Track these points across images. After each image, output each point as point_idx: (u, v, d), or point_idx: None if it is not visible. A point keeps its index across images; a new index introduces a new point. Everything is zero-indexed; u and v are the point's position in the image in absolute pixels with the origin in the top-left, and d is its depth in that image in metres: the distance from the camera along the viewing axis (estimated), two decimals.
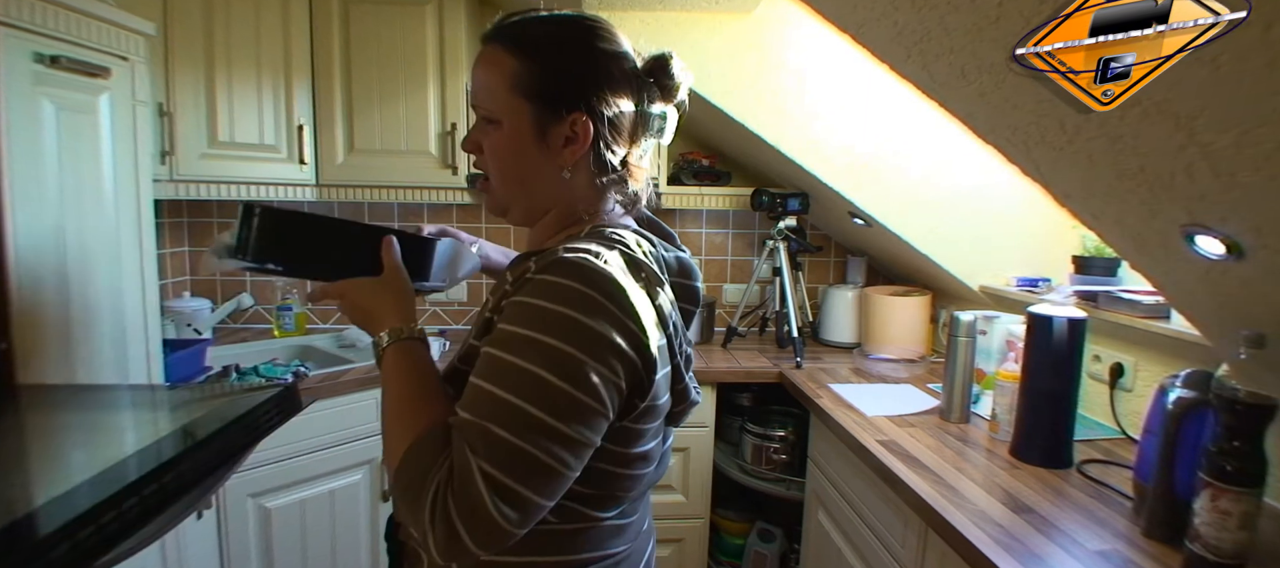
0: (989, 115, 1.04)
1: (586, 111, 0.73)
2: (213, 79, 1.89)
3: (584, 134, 0.73)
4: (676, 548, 2.13)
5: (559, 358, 0.62)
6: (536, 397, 0.62)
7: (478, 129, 0.77)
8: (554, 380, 0.62)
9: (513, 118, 0.73)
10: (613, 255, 0.68)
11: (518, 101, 0.73)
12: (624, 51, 0.76)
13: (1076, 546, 1.04)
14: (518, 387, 0.62)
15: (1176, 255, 1.04)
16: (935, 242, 2.05)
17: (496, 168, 0.77)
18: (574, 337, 0.63)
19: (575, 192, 0.77)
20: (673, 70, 0.77)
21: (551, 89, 0.73)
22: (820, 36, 1.89)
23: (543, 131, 0.73)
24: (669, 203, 2.36)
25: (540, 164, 0.75)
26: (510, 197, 0.79)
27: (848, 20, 1.07)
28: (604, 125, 0.74)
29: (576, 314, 0.63)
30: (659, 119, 0.79)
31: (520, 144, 0.74)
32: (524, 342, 0.63)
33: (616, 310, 0.64)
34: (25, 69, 1.16)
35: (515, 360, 0.63)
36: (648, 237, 0.79)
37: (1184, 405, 1.02)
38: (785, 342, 2.30)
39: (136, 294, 1.44)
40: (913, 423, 1.60)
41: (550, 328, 0.63)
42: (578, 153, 0.74)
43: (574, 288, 0.64)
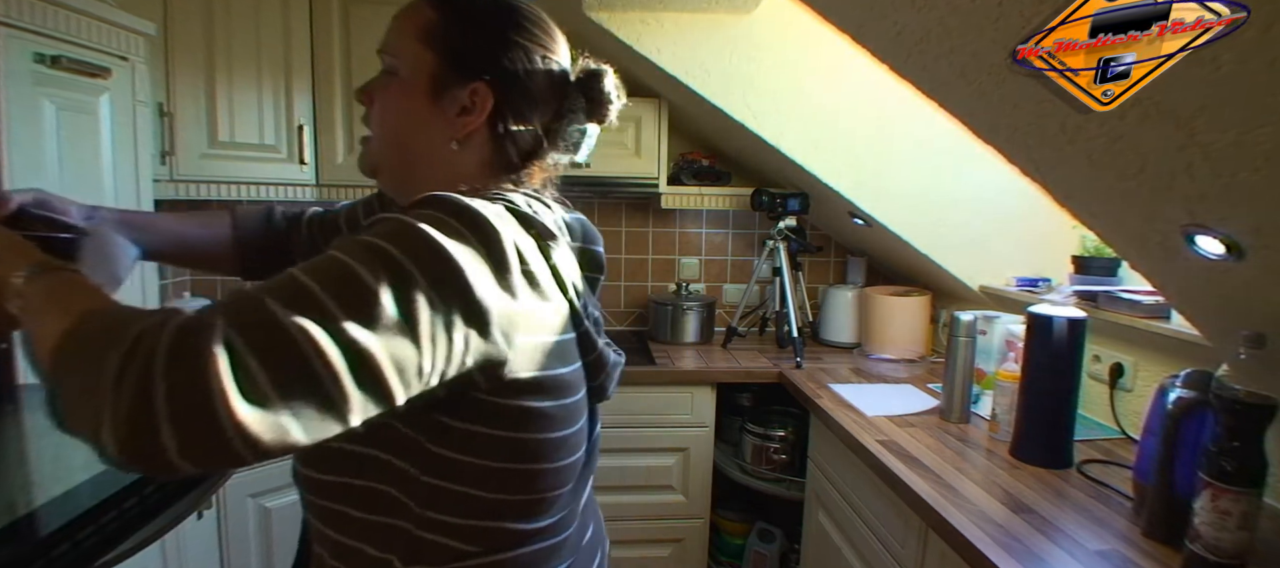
0: (989, 115, 1.04)
1: (492, 84, 0.67)
2: (213, 79, 1.89)
3: (483, 106, 0.67)
4: (676, 548, 2.13)
5: (384, 261, 0.50)
6: (335, 285, 0.48)
7: (375, 80, 0.71)
8: (365, 277, 0.49)
9: (412, 68, 0.68)
10: (492, 205, 0.59)
11: (422, 51, 0.67)
12: (553, 50, 0.71)
13: (1076, 546, 1.04)
14: (319, 273, 0.49)
15: (1176, 255, 1.04)
16: (935, 242, 2.05)
17: (381, 119, 0.70)
18: (422, 257, 0.51)
19: (460, 174, 0.68)
20: (604, 86, 0.72)
21: (461, 47, 0.67)
22: (820, 37, 1.89)
23: (439, 90, 0.67)
24: (669, 203, 2.36)
25: (428, 126, 0.68)
26: (386, 155, 0.71)
27: (848, 21, 1.07)
28: (509, 111, 0.68)
29: (433, 235, 0.52)
30: (577, 134, 0.74)
31: (412, 98, 0.68)
32: (353, 244, 0.51)
33: (483, 251, 0.54)
34: (26, 69, 1.16)
35: (332, 253, 0.51)
36: (541, 199, 0.70)
37: (1184, 405, 1.02)
38: (785, 342, 2.30)
39: (136, 294, 1.44)
40: (913, 423, 1.60)
41: (390, 237, 0.51)
42: (471, 125, 0.67)
43: (438, 218, 0.54)
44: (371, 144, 0.72)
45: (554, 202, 0.74)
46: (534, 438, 0.62)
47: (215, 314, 0.45)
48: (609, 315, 2.62)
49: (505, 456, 0.62)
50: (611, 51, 1.99)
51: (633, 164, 2.19)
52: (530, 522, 0.65)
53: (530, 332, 0.59)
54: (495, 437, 0.61)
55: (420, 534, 0.61)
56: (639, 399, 2.04)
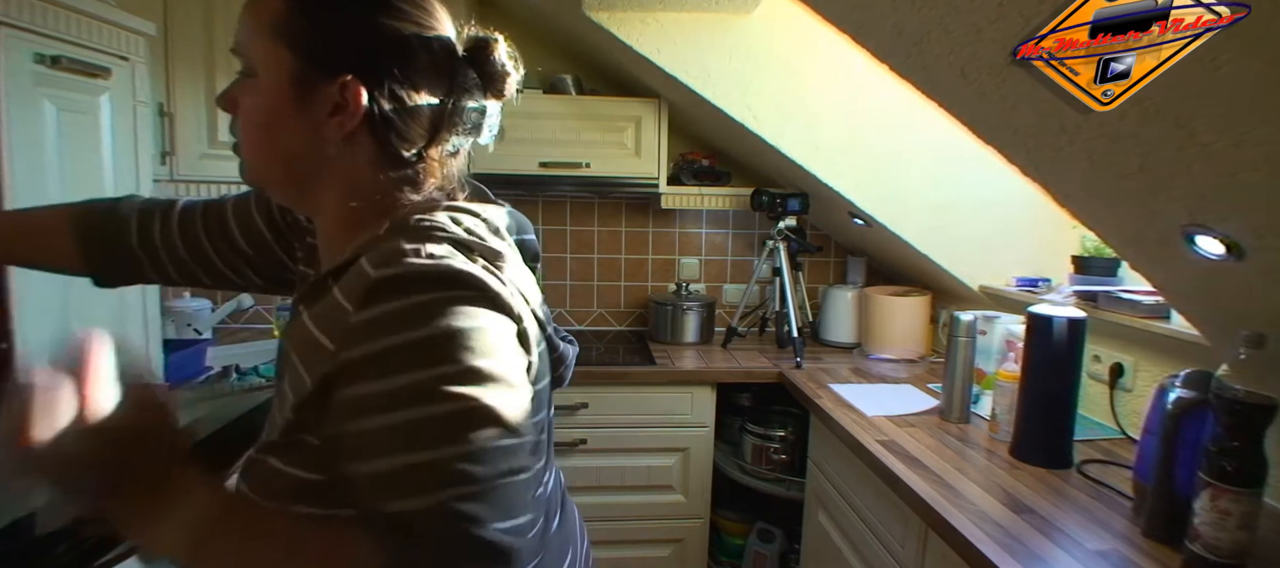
0: (989, 116, 1.04)
1: (363, 78, 0.59)
2: (213, 79, 1.89)
3: (355, 103, 0.58)
4: (676, 548, 2.13)
5: (481, 377, 0.52)
6: (493, 426, 0.52)
7: (234, 83, 0.64)
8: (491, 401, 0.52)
9: (268, 68, 0.60)
10: (432, 247, 0.55)
11: (275, 49, 0.59)
12: (429, 23, 0.62)
13: (1076, 546, 1.04)
14: (465, 430, 0.51)
15: (1176, 255, 1.04)
16: (935, 242, 2.05)
17: (247, 131, 0.63)
18: (469, 347, 0.52)
19: (354, 180, 0.62)
20: (496, 57, 0.64)
21: (318, 39, 0.59)
22: (820, 37, 1.89)
23: (303, 92, 0.59)
24: (669, 203, 2.36)
25: (298, 133, 0.60)
26: (264, 170, 0.64)
27: (848, 21, 1.07)
28: (389, 104, 0.60)
29: (430, 329, 0.51)
30: (475, 114, 0.65)
31: (275, 103, 0.60)
32: (427, 385, 0.51)
33: (475, 295, 0.54)
34: (26, 69, 1.16)
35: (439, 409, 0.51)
36: (468, 209, 0.64)
37: (1184, 405, 1.02)
38: (785, 342, 2.30)
39: (137, 294, 1.44)
40: (913, 423, 1.60)
41: (442, 355, 0.51)
42: (346, 126, 0.59)
43: (420, 301, 0.52)
44: (244, 156, 0.64)
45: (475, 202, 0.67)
46: None
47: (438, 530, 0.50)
48: (609, 315, 2.62)
49: None
50: (611, 52, 2.00)
51: (633, 164, 2.19)
52: None
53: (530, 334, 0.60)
54: None
55: None
56: (639, 399, 2.04)
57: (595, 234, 2.57)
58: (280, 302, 2.33)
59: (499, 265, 0.59)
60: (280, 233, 0.81)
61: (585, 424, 2.03)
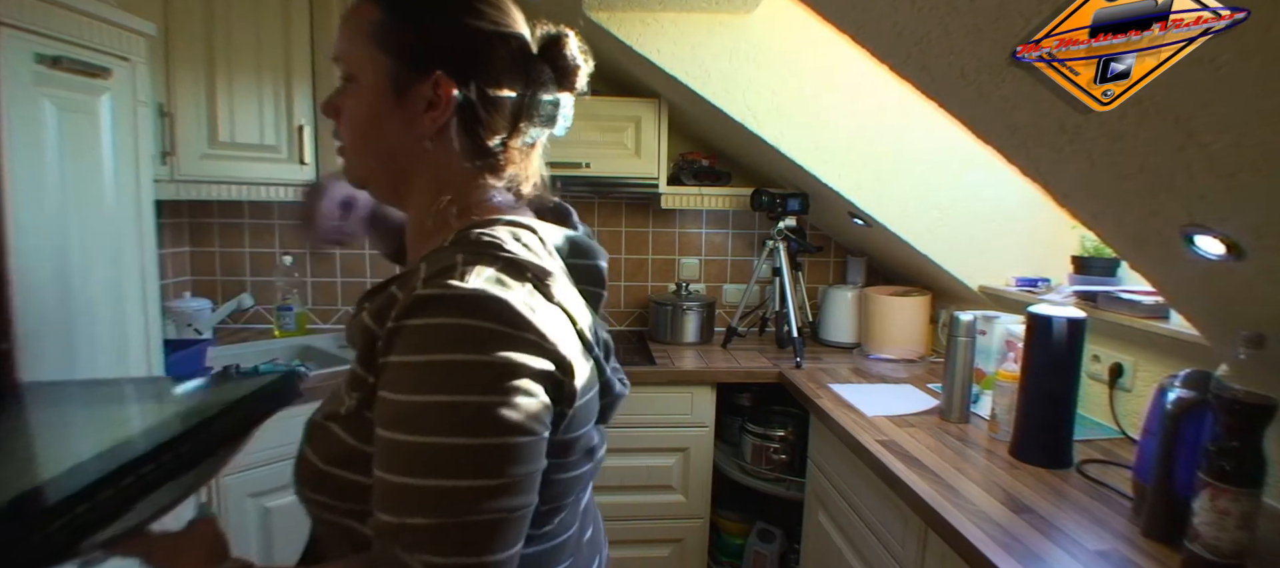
0: (989, 116, 1.04)
1: (451, 74, 0.65)
2: (213, 79, 1.89)
3: (446, 97, 0.65)
4: (676, 548, 2.13)
5: (466, 415, 0.54)
6: (461, 468, 0.54)
7: (337, 91, 0.69)
8: (471, 442, 0.54)
9: (369, 72, 0.66)
10: (482, 269, 0.58)
11: (375, 53, 0.65)
12: (507, 22, 0.68)
13: (1076, 546, 1.04)
14: (431, 467, 0.54)
15: (1176, 255, 1.04)
16: (935, 242, 2.05)
17: (350, 130, 0.69)
18: (471, 382, 0.55)
19: (443, 172, 0.68)
20: (567, 51, 0.70)
21: (412, 42, 0.65)
22: (820, 37, 1.89)
23: (400, 91, 0.65)
24: (669, 203, 2.36)
25: (397, 129, 0.66)
26: (365, 166, 0.70)
27: (848, 21, 1.07)
28: (475, 98, 0.66)
29: (464, 355, 0.55)
30: (550, 106, 0.71)
31: (375, 104, 0.66)
32: (420, 412, 0.54)
33: (507, 329, 0.56)
34: (26, 69, 1.16)
35: (420, 440, 0.54)
36: (528, 225, 0.67)
37: (1183, 405, 1.02)
38: (785, 342, 2.30)
39: (137, 294, 1.44)
40: (912, 423, 1.60)
41: (441, 383, 0.54)
42: (439, 120, 0.65)
43: (449, 325, 0.55)
44: (347, 157, 0.70)
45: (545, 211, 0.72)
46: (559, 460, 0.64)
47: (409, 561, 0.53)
48: (609, 315, 2.62)
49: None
50: (611, 51, 2.00)
51: (633, 164, 2.19)
52: (540, 525, 0.67)
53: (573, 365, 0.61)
54: None
55: None
56: (639, 399, 2.04)
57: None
58: (279, 302, 2.33)
59: (548, 284, 0.62)
60: None
61: None
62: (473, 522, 0.54)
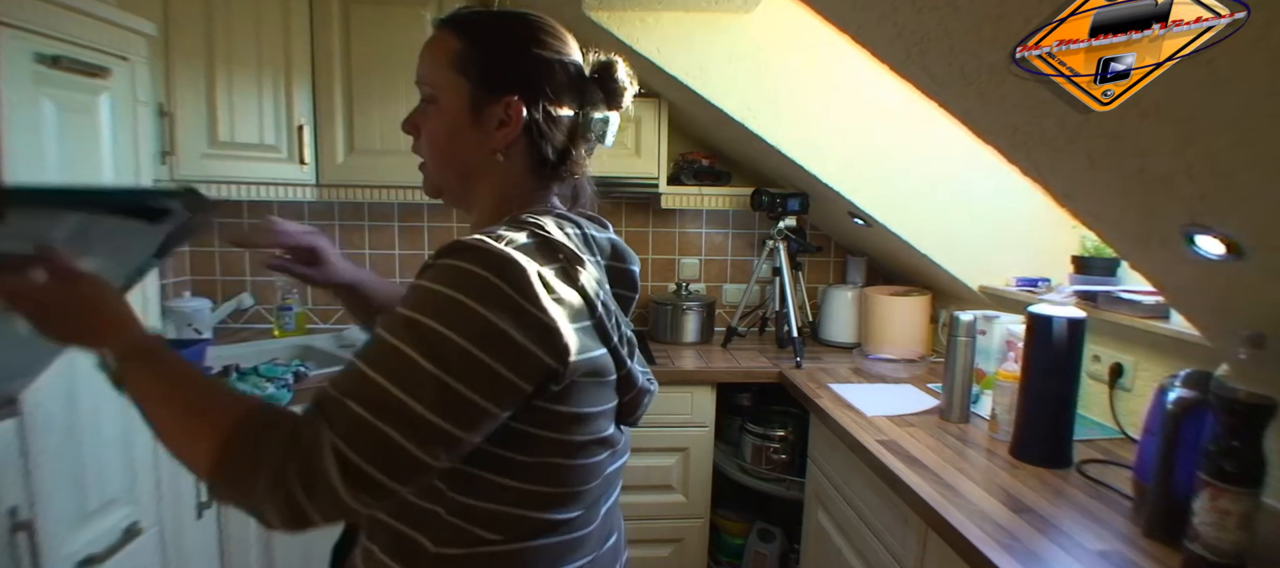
0: (989, 116, 1.04)
1: (522, 96, 0.74)
2: (213, 79, 1.89)
3: (517, 116, 0.74)
4: (676, 548, 2.13)
5: (437, 343, 0.60)
6: (404, 381, 0.59)
7: (418, 110, 0.79)
8: (427, 366, 0.59)
9: (449, 94, 0.75)
10: (519, 235, 0.66)
11: (456, 79, 0.74)
12: (566, 51, 0.78)
13: (1076, 546, 1.04)
14: (388, 369, 0.60)
15: (1176, 255, 1.04)
16: (935, 242, 2.05)
17: (431, 146, 0.78)
18: (460, 323, 0.60)
19: (510, 179, 0.77)
20: (618, 76, 0.79)
21: (488, 68, 0.74)
22: (821, 37, 1.89)
23: (477, 111, 0.74)
24: (669, 203, 2.36)
25: (473, 144, 0.75)
26: (443, 177, 0.79)
27: (848, 21, 1.07)
28: (541, 116, 0.75)
29: (466, 298, 0.61)
30: (601, 124, 0.80)
31: (455, 122, 0.75)
32: (406, 324, 0.61)
33: (515, 295, 0.62)
34: (26, 69, 1.16)
35: (392, 342, 0.61)
36: (573, 218, 0.77)
37: (1184, 405, 1.02)
38: (785, 342, 2.30)
39: (137, 294, 1.44)
40: (913, 423, 1.60)
41: (437, 312, 0.61)
42: (510, 135, 0.74)
43: (467, 270, 0.62)
44: (427, 169, 0.80)
45: (587, 218, 0.79)
46: (566, 439, 0.69)
47: (319, 427, 0.59)
48: None
49: (541, 450, 0.68)
50: (611, 51, 1.99)
51: (633, 164, 2.19)
52: (553, 513, 0.71)
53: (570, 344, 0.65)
54: (536, 435, 0.68)
55: (449, 519, 0.69)
56: None
57: None
58: (280, 302, 2.33)
59: (576, 270, 0.68)
60: None
61: None
62: (389, 437, 0.59)
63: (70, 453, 1.27)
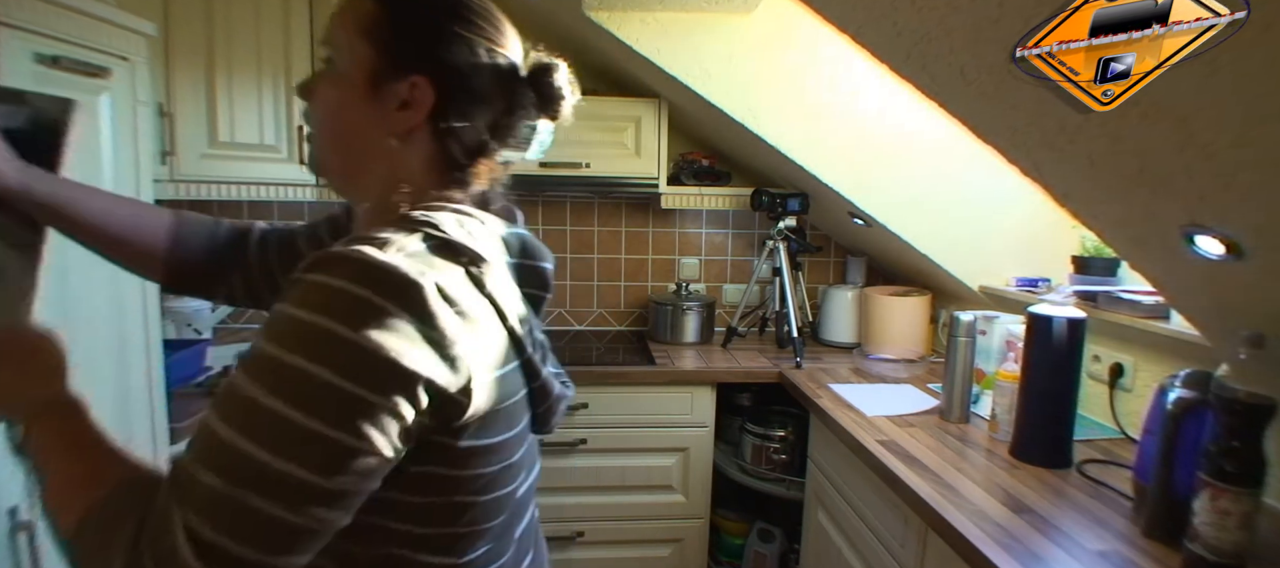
0: (989, 116, 1.04)
1: (432, 78, 0.64)
2: (213, 79, 1.89)
3: (421, 102, 0.63)
4: (676, 548, 2.13)
5: (302, 385, 0.49)
6: (263, 436, 0.48)
7: (317, 74, 0.69)
8: (292, 415, 0.48)
9: (349, 60, 0.65)
10: (409, 240, 0.55)
11: (360, 44, 0.64)
12: (499, 42, 0.67)
13: (1076, 546, 1.04)
14: (242, 423, 0.49)
15: (1176, 255, 1.04)
16: (935, 242, 2.05)
17: (319, 115, 0.67)
18: (330, 356, 0.49)
19: (404, 173, 0.65)
20: (555, 81, 0.69)
21: (399, 40, 0.64)
22: (821, 37, 1.89)
23: (377, 84, 0.64)
24: (669, 203, 2.36)
25: (366, 122, 0.65)
26: (327, 154, 0.68)
27: (848, 21, 1.07)
28: (451, 106, 0.65)
29: (337, 326, 0.49)
30: (527, 130, 0.70)
31: (349, 93, 0.65)
32: (264, 364, 0.50)
33: (404, 314, 0.51)
34: (26, 69, 1.16)
35: (246, 390, 0.49)
36: (472, 214, 0.65)
37: (1184, 406, 1.02)
38: (785, 342, 2.30)
39: (137, 294, 1.44)
40: (913, 423, 1.60)
41: (300, 345, 0.49)
42: (410, 122, 0.64)
43: (339, 289, 0.50)
44: (314, 143, 0.69)
45: (495, 214, 0.70)
46: (469, 474, 0.59)
47: (171, 508, 0.49)
48: (609, 315, 2.62)
49: (436, 490, 0.58)
50: (611, 51, 2.00)
51: (633, 164, 2.19)
52: (453, 556, 0.61)
53: (476, 371, 0.56)
54: (433, 474, 0.57)
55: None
56: (639, 399, 2.04)
57: (595, 234, 2.57)
58: None
59: (481, 272, 0.59)
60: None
61: (585, 424, 2.03)
62: (255, 508, 0.48)
63: None
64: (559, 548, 2.07)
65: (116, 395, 1.41)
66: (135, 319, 1.44)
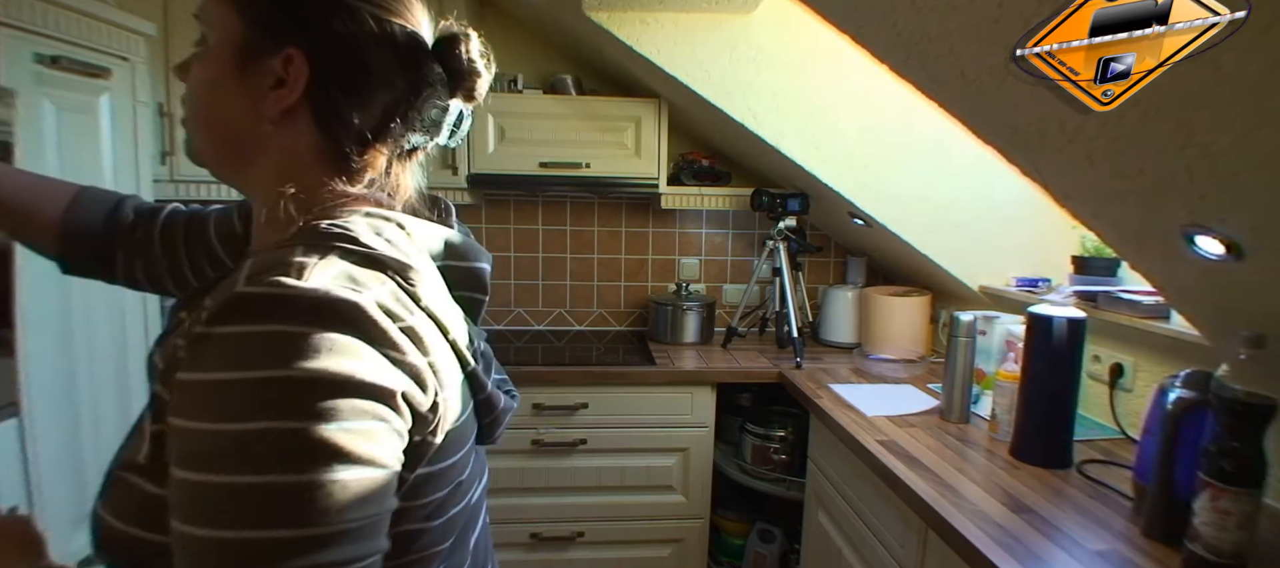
0: (989, 116, 1.04)
1: (308, 52, 0.55)
2: None
3: (296, 79, 0.55)
4: (676, 548, 2.13)
5: (291, 446, 0.42)
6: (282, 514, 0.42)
7: (192, 54, 0.60)
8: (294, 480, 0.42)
9: (218, 33, 0.57)
10: (325, 261, 0.48)
11: (229, 15, 0.56)
12: (394, 8, 0.58)
13: (1076, 546, 1.04)
14: (250, 516, 0.42)
15: (1176, 255, 1.04)
16: (935, 242, 2.05)
17: (192, 99, 0.59)
18: (298, 405, 0.43)
19: (288, 162, 0.57)
20: (462, 53, 0.60)
21: (268, 8, 0.56)
22: (821, 37, 1.89)
23: (247, 62, 0.56)
24: (669, 203, 2.36)
25: (237, 105, 0.56)
26: (204, 142, 0.60)
27: (848, 21, 1.07)
28: (334, 84, 0.56)
29: (284, 370, 0.43)
30: (439, 111, 0.61)
31: (219, 72, 0.57)
32: (225, 446, 0.42)
33: (353, 338, 0.45)
34: (26, 69, 1.16)
35: (224, 479, 0.42)
36: (392, 218, 0.57)
37: (1184, 406, 1.02)
38: (785, 342, 2.30)
39: (137, 301, 1.44)
40: (913, 423, 1.60)
41: (258, 408, 0.42)
42: (284, 101, 0.55)
43: (269, 334, 0.43)
44: (189, 129, 0.61)
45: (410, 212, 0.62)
46: (419, 503, 0.53)
47: None
48: (609, 315, 2.62)
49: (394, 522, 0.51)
50: (611, 52, 2.00)
51: (633, 164, 2.19)
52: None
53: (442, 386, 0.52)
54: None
55: None
56: (639, 399, 2.04)
57: (595, 234, 2.57)
58: None
59: (413, 282, 0.52)
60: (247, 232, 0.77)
61: (585, 424, 2.03)
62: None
63: (70, 453, 1.27)
64: (559, 548, 2.07)
65: (118, 396, 1.41)
66: (135, 319, 1.44)
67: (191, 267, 0.79)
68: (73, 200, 0.79)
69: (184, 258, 0.79)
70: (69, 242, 0.78)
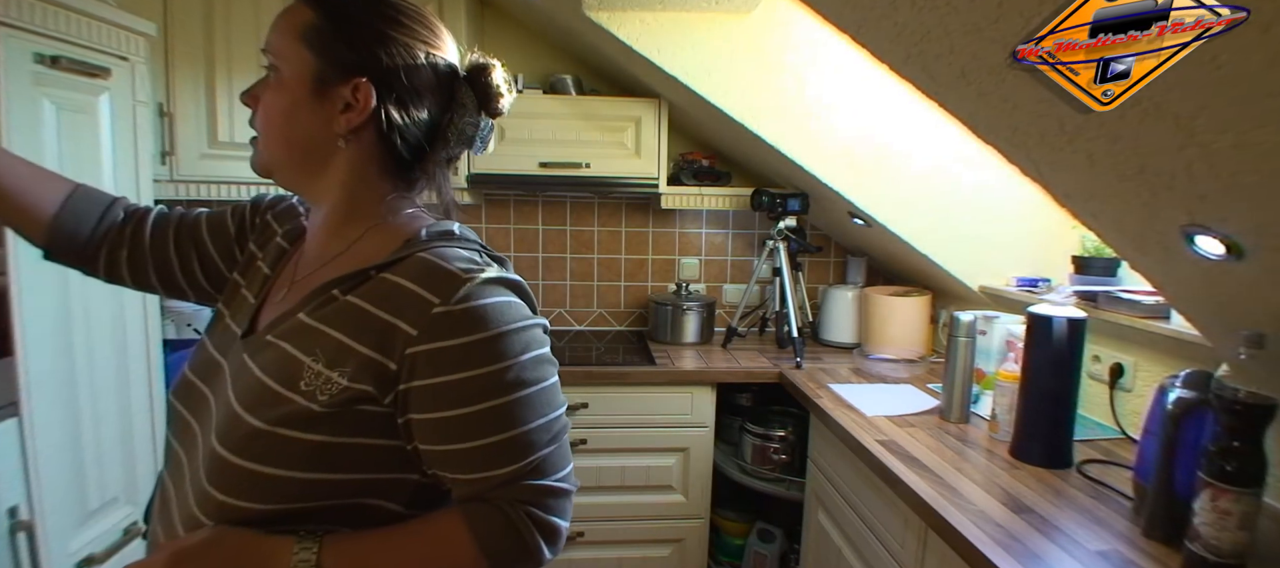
0: (989, 116, 1.04)
1: (373, 80, 0.69)
2: (213, 79, 1.89)
3: (365, 101, 0.69)
4: (676, 548, 2.13)
5: (534, 367, 0.67)
6: (545, 407, 0.68)
7: (260, 81, 0.73)
8: (544, 385, 0.68)
9: (293, 66, 0.69)
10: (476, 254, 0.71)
11: (302, 51, 0.69)
12: (435, 43, 0.73)
13: (1076, 546, 1.04)
14: (549, 405, 0.68)
15: (1176, 255, 1.04)
16: (935, 242, 2.05)
17: (265, 119, 0.72)
18: (529, 341, 0.67)
19: (357, 172, 0.72)
20: (493, 80, 0.75)
21: (339, 45, 0.69)
22: (820, 36, 1.89)
23: (321, 88, 0.69)
24: (669, 203, 2.36)
25: (313, 124, 0.70)
26: (274, 154, 0.72)
27: (847, 20, 1.07)
28: (393, 106, 0.70)
29: (521, 323, 0.67)
30: (470, 126, 0.75)
31: (294, 97, 0.69)
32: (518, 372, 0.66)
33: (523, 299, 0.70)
34: (26, 69, 1.16)
35: (511, 398, 0.65)
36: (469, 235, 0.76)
37: (1184, 406, 1.02)
38: (785, 342, 2.30)
39: (137, 294, 1.44)
40: (912, 423, 1.60)
41: (519, 346, 0.66)
42: (354, 121, 0.69)
43: (500, 303, 0.66)
44: (260, 146, 0.73)
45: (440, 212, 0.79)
46: None
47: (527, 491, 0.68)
48: (609, 315, 2.62)
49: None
50: (611, 52, 1.99)
51: (633, 164, 2.19)
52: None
53: None
54: None
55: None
56: (639, 399, 2.04)
57: (595, 234, 2.57)
58: None
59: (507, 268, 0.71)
60: (243, 231, 0.86)
61: (585, 424, 2.03)
62: (560, 447, 0.70)
63: (70, 453, 1.27)
64: None
65: (118, 396, 1.41)
66: (135, 319, 1.44)
67: (180, 265, 0.85)
68: (67, 198, 0.84)
69: (173, 256, 0.85)
70: (56, 238, 0.83)
